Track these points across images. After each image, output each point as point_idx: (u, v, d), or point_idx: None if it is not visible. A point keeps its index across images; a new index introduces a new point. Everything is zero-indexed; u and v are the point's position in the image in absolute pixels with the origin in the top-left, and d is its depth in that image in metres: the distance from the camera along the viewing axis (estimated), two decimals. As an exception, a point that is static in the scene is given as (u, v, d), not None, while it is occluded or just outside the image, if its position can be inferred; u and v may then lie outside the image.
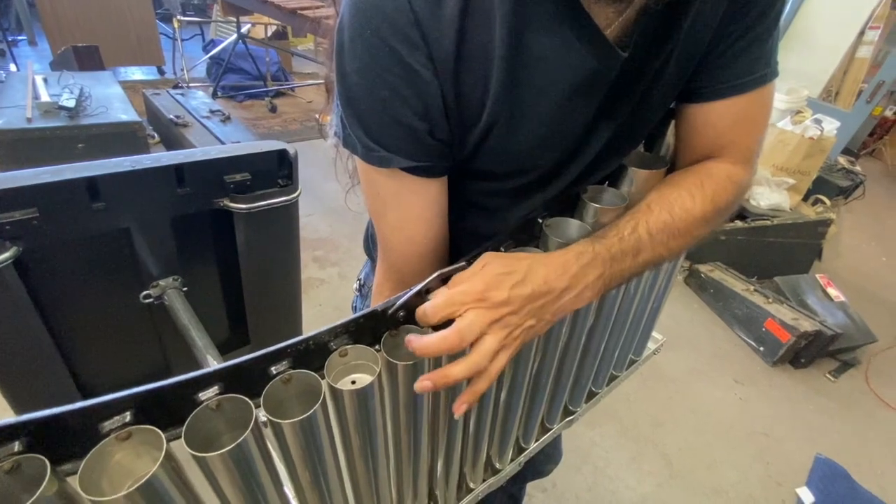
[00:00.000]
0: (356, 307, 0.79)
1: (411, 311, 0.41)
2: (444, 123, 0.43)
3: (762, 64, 0.47)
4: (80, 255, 0.89)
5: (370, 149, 0.43)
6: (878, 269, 2.89)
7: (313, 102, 4.10)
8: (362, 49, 0.39)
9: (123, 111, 1.94)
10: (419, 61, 0.39)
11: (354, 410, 0.37)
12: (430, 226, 0.50)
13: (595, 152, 0.50)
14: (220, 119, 2.39)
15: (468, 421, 0.54)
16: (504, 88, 0.41)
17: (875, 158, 4.55)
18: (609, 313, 0.62)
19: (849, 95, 3.30)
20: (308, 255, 2.33)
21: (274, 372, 0.34)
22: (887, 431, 1.87)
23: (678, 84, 0.49)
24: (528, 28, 0.40)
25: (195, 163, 0.86)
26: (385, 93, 0.40)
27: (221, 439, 0.32)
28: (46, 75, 2.07)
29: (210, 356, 0.89)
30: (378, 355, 0.37)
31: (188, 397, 0.30)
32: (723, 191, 0.49)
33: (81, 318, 0.97)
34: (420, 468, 0.50)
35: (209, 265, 1.06)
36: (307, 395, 0.34)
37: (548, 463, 1.02)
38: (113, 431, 0.28)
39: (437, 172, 0.47)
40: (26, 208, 0.77)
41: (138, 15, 3.59)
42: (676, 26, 0.43)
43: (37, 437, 0.26)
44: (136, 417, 0.29)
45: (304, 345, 0.35)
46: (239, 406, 0.31)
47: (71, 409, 0.26)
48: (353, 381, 0.37)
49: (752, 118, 0.50)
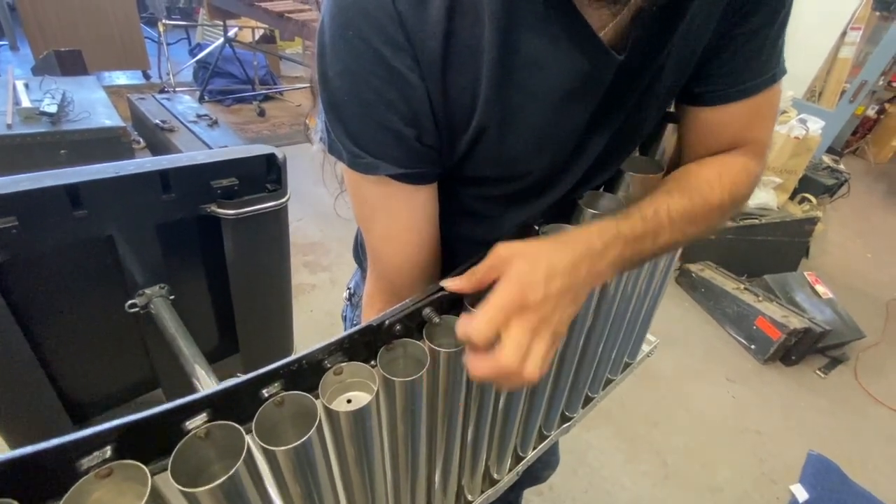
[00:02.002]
0: (346, 317, 0.77)
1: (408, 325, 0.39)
2: (433, 128, 0.42)
3: (772, 64, 0.47)
4: (62, 265, 0.87)
5: (356, 155, 0.41)
6: (863, 266, 2.94)
7: (302, 106, 4.07)
8: (344, 51, 0.37)
9: (107, 116, 1.90)
10: (404, 63, 0.37)
11: (351, 430, 0.36)
12: (420, 234, 0.48)
13: (591, 158, 0.49)
14: (208, 123, 2.36)
15: (466, 431, 0.52)
16: (494, 91, 0.40)
17: (858, 157, 4.64)
18: (607, 315, 0.61)
19: (832, 95, 3.36)
20: (298, 260, 2.30)
21: (266, 395, 0.32)
22: (877, 426, 1.89)
23: (674, 89, 0.49)
24: (519, 29, 0.38)
25: (181, 168, 0.84)
26: (369, 96, 0.38)
27: (211, 468, 0.30)
28: (28, 80, 2.03)
29: (198, 366, 0.87)
30: (375, 372, 0.36)
31: (174, 427, 0.29)
32: (739, 182, 0.49)
33: (64, 330, 0.94)
34: (418, 482, 0.49)
35: (197, 273, 1.04)
36: (301, 416, 0.33)
37: (545, 469, 1.01)
38: (92, 469, 0.26)
39: (427, 179, 0.45)
40: (5, 217, 0.74)
41: (122, 19, 3.54)
42: (671, 30, 0.42)
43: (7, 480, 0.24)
44: (118, 452, 0.27)
45: (296, 365, 0.33)
46: (229, 433, 0.29)
47: (45, 448, 0.24)
48: (348, 400, 0.36)
49: (764, 115, 0.50)
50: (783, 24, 0.46)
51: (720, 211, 0.48)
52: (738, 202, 0.50)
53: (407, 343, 0.39)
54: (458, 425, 0.48)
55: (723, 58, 0.46)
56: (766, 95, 0.48)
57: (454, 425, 0.47)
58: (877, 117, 4.55)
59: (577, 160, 0.49)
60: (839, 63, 3.26)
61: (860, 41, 3.18)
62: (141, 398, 1.18)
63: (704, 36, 0.44)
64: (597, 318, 0.60)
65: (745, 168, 0.50)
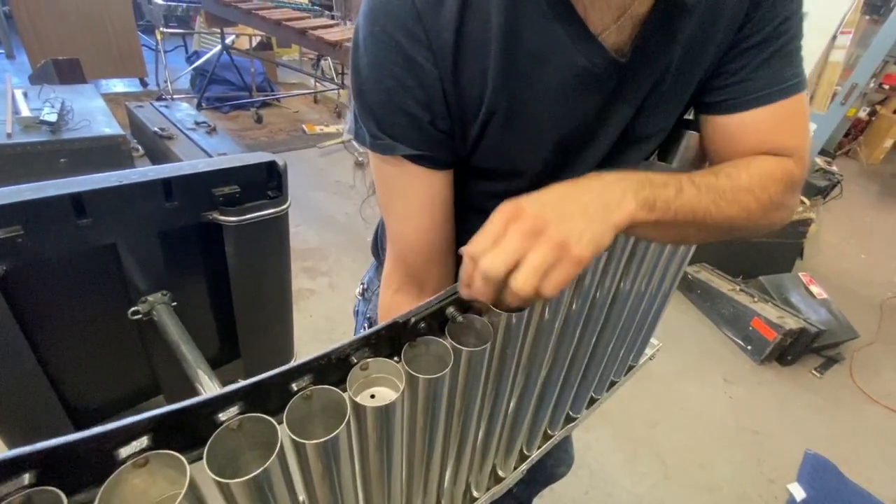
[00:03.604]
0: (358, 311, 0.79)
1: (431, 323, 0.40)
2: (446, 113, 0.46)
3: (788, 75, 0.47)
4: (65, 273, 0.87)
5: (376, 137, 0.46)
6: (857, 266, 2.97)
7: (299, 112, 4.09)
8: (372, 45, 0.43)
9: (106, 124, 1.91)
10: (421, 54, 0.42)
11: (376, 425, 0.37)
12: (434, 217, 0.52)
13: (597, 158, 0.51)
14: (206, 131, 2.37)
15: (479, 428, 0.54)
16: (501, 81, 0.44)
17: (851, 158, 4.69)
18: (619, 315, 0.62)
19: (824, 98, 3.40)
20: (297, 265, 2.31)
21: (295, 388, 0.33)
22: (872, 425, 1.91)
23: (682, 95, 0.50)
24: (523, 24, 0.42)
25: (183, 176, 0.85)
26: (391, 83, 0.43)
27: (242, 458, 0.31)
28: (26, 89, 2.03)
29: (201, 371, 0.88)
30: (400, 368, 0.37)
31: (207, 418, 0.30)
32: (771, 176, 0.47)
33: (68, 337, 0.95)
34: (430, 476, 0.50)
35: (198, 279, 1.05)
36: (328, 409, 0.34)
37: (559, 466, 1.03)
38: (130, 458, 0.27)
39: (440, 164, 0.49)
40: (10, 226, 0.75)
41: (119, 27, 3.55)
42: (674, 36, 0.44)
43: (48, 468, 0.25)
44: (154, 441, 0.28)
45: (325, 359, 0.34)
46: (261, 425, 0.30)
47: (84, 437, 0.25)
48: (372, 395, 0.37)
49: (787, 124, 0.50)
50: (795, 36, 0.46)
51: (752, 195, 0.46)
52: (773, 198, 0.47)
53: (430, 341, 0.40)
54: (472, 422, 0.49)
55: (734, 68, 0.48)
56: (786, 105, 0.48)
57: (469, 422, 0.49)
58: (868, 119, 4.60)
59: (582, 157, 0.51)
60: (830, 66, 3.30)
61: (850, 45, 3.22)
62: (142, 405, 1.19)
63: (711, 44, 0.46)
64: (609, 317, 0.61)
65: (778, 164, 0.48)
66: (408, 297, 0.57)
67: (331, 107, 4.32)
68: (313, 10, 3.89)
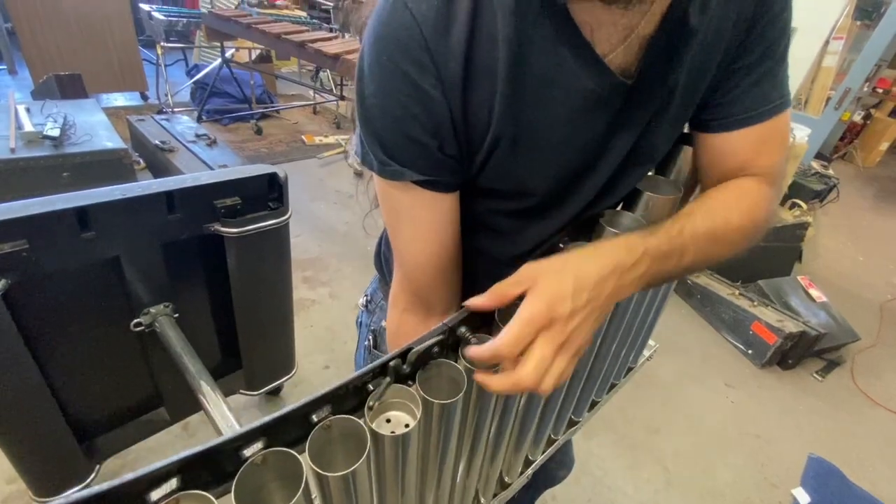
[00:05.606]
0: (361, 322, 0.79)
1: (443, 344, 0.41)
2: (453, 140, 0.46)
3: (774, 96, 0.50)
4: (69, 285, 0.88)
5: (385, 163, 0.46)
6: (855, 269, 2.98)
7: (298, 123, 4.13)
8: (379, 73, 0.43)
9: (108, 138, 1.93)
10: (429, 82, 0.42)
11: (393, 451, 0.37)
12: (441, 238, 0.52)
13: (604, 178, 0.52)
14: (207, 143, 2.40)
15: (488, 442, 0.54)
16: (508, 106, 0.44)
17: (847, 161, 4.72)
18: (620, 321, 0.63)
19: (818, 103, 3.43)
20: (298, 275, 2.32)
21: (315, 420, 0.34)
22: (875, 428, 1.91)
23: (684, 115, 0.51)
24: (530, 49, 0.42)
25: (186, 189, 0.87)
26: (398, 111, 0.43)
27: (265, 488, 0.32)
28: (29, 104, 2.06)
29: (204, 382, 0.89)
30: (415, 392, 0.37)
31: (232, 455, 0.30)
32: (756, 206, 0.51)
33: (70, 349, 0.95)
34: (442, 491, 0.51)
35: (200, 291, 1.06)
36: (347, 438, 0.34)
37: (560, 469, 1.03)
38: (161, 500, 0.28)
39: (448, 187, 0.49)
40: (15, 240, 0.76)
41: (121, 41, 3.60)
42: (680, 58, 0.45)
43: None
44: (182, 482, 0.29)
45: (343, 390, 0.35)
46: (285, 458, 0.31)
47: (116, 485, 0.26)
48: (388, 419, 0.38)
49: (771, 143, 0.52)
50: (782, 57, 0.49)
51: (741, 233, 0.50)
52: (758, 226, 0.51)
53: (442, 363, 0.40)
54: (483, 435, 0.50)
55: (725, 88, 0.49)
56: (771, 125, 0.50)
57: (480, 435, 0.49)
58: (863, 122, 4.63)
59: (589, 177, 0.52)
60: (823, 71, 3.34)
61: (843, 50, 3.27)
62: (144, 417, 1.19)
63: (712, 64, 0.47)
64: (611, 323, 0.62)
65: (760, 193, 0.52)
66: (416, 316, 0.58)
67: (330, 117, 4.36)
68: (312, 24, 3.94)
